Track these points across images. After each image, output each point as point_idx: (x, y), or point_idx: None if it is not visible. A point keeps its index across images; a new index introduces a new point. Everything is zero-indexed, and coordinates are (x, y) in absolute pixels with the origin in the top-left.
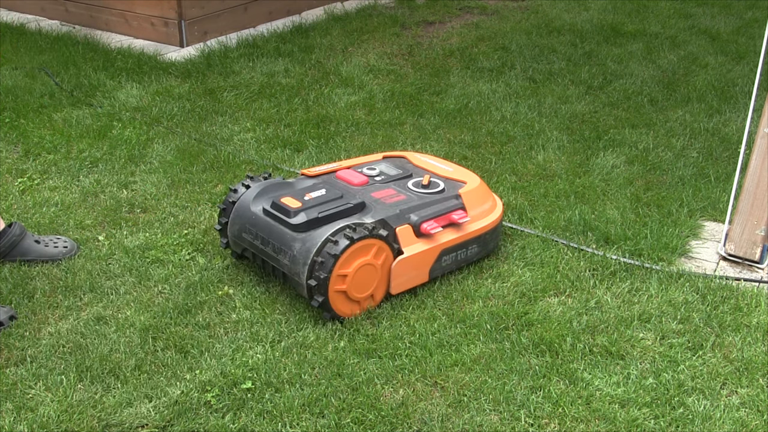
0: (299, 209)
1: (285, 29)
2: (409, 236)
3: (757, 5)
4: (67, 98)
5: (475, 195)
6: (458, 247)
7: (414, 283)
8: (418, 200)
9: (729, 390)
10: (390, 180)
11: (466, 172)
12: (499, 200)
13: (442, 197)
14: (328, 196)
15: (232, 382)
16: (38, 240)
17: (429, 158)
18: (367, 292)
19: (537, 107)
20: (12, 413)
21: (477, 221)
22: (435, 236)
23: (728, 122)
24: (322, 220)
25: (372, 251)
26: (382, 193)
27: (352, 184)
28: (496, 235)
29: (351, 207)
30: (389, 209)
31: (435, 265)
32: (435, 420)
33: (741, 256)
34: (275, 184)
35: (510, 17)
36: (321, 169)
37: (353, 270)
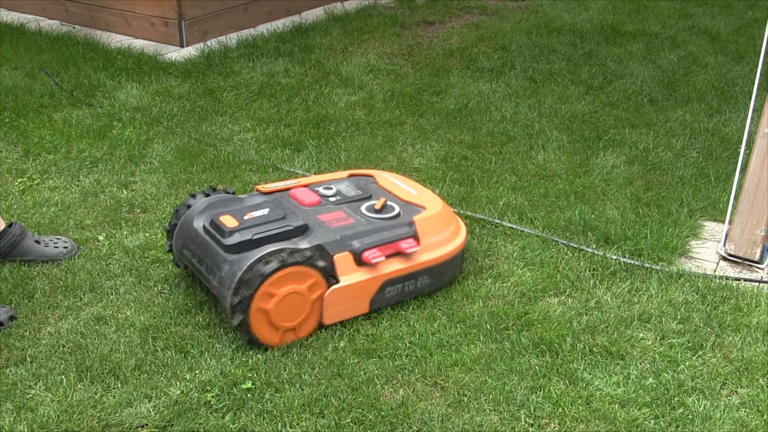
0: (235, 229)
1: (285, 29)
2: (348, 264)
3: (757, 5)
4: (67, 98)
5: (432, 222)
6: (405, 278)
7: (351, 314)
8: (366, 225)
9: (729, 390)
10: (343, 201)
11: (431, 196)
12: (464, 227)
13: (393, 223)
14: (270, 216)
15: (232, 382)
16: (38, 240)
17: (397, 179)
18: (291, 323)
19: (537, 107)
20: (12, 413)
21: (430, 251)
22: (378, 266)
23: (728, 122)
24: (256, 243)
25: (306, 282)
26: (329, 216)
27: (302, 203)
28: (455, 266)
29: (291, 230)
30: (331, 234)
31: (377, 296)
32: (435, 420)
33: (741, 256)
34: (224, 200)
35: (510, 17)
36: (277, 185)
37: (281, 295)
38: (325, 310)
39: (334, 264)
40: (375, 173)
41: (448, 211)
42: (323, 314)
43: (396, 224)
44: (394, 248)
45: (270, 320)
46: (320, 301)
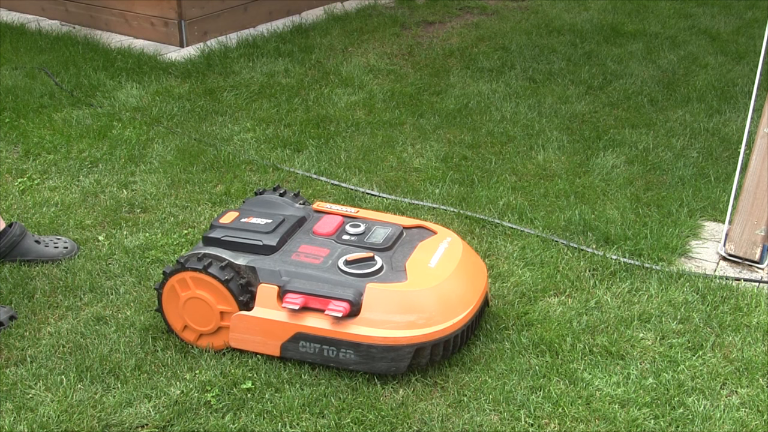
0: (221, 225)
1: (285, 29)
2: (269, 298)
3: (757, 5)
4: (67, 98)
5: (390, 297)
6: (323, 340)
7: (259, 349)
8: (322, 270)
9: (729, 390)
10: (351, 243)
11: (442, 278)
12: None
13: (346, 280)
14: (260, 227)
15: (232, 382)
16: (38, 240)
17: (445, 246)
18: (204, 327)
19: (537, 107)
20: (12, 413)
21: (367, 326)
22: (295, 313)
23: (728, 122)
24: (222, 243)
25: (215, 295)
26: (309, 249)
27: (315, 230)
28: (399, 358)
29: (258, 246)
30: (279, 263)
31: (289, 344)
32: (435, 420)
33: (741, 256)
34: (264, 201)
35: (510, 17)
36: (330, 207)
37: (188, 295)
38: (230, 331)
39: (256, 291)
40: (440, 232)
41: (433, 299)
42: (229, 335)
43: (348, 282)
44: (318, 303)
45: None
46: (228, 321)
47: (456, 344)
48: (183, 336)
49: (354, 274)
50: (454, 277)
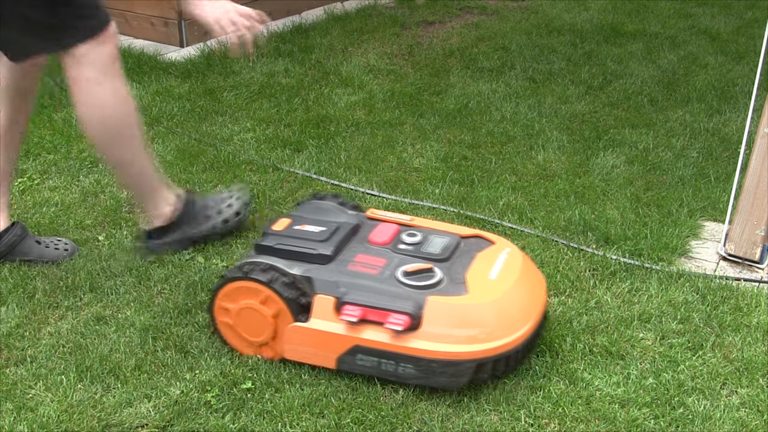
0: (273, 233)
1: (285, 29)
2: (326, 309)
3: (757, 5)
4: (67, 98)
5: (452, 311)
6: (382, 354)
7: (313, 361)
8: (380, 282)
9: (729, 390)
10: (407, 253)
11: (502, 292)
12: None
13: (406, 292)
14: (315, 236)
15: (232, 382)
16: (39, 241)
17: (506, 257)
18: (257, 338)
19: (537, 107)
20: (12, 413)
21: (428, 340)
22: (353, 325)
23: (728, 122)
24: (275, 251)
25: (267, 305)
26: (365, 258)
27: (371, 238)
28: (459, 373)
29: (313, 254)
30: (336, 274)
31: (346, 357)
32: (435, 420)
33: (741, 256)
34: (316, 208)
35: (510, 17)
36: (384, 215)
37: (239, 305)
38: (284, 342)
39: (312, 302)
40: (499, 242)
41: (495, 313)
42: (283, 346)
43: (407, 294)
44: (377, 315)
45: (231, 324)
46: (283, 332)
47: (517, 360)
48: (235, 345)
49: (413, 286)
50: (515, 290)
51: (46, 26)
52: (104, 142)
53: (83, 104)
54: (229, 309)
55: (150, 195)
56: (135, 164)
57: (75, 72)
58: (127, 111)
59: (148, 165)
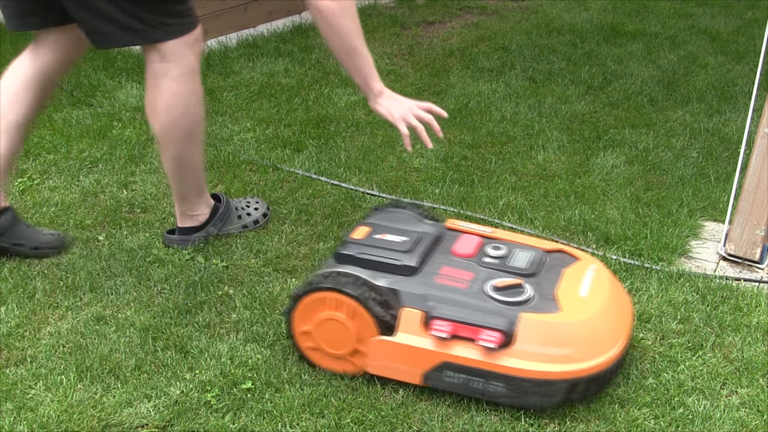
0: (354, 241)
1: (285, 29)
2: (413, 323)
3: (757, 5)
4: (67, 98)
5: (546, 329)
6: (472, 371)
7: (397, 377)
8: (470, 296)
9: (729, 390)
10: (494, 267)
11: (596, 310)
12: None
13: (498, 308)
14: (396, 246)
15: (232, 382)
16: (28, 226)
17: (594, 273)
18: (338, 351)
19: (537, 107)
20: (12, 413)
21: (521, 359)
22: (442, 341)
23: (728, 122)
24: (358, 261)
25: (352, 317)
26: (451, 271)
27: (454, 250)
28: (551, 393)
29: (397, 265)
30: (423, 287)
31: (433, 373)
32: (435, 420)
33: (741, 256)
34: (392, 217)
35: (510, 17)
36: (465, 225)
37: (321, 318)
38: (369, 356)
39: (398, 315)
40: (584, 258)
41: (589, 332)
42: (367, 360)
43: (498, 310)
44: (469, 332)
45: (311, 336)
46: (367, 345)
47: (609, 380)
48: (311, 357)
49: (504, 302)
50: (607, 308)
51: (137, 19)
52: (171, 137)
53: (161, 99)
54: (310, 320)
55: (192, 196)
56: (191, 164)
57: (159, 67)
58: (200, 112)
59: (201, 167)
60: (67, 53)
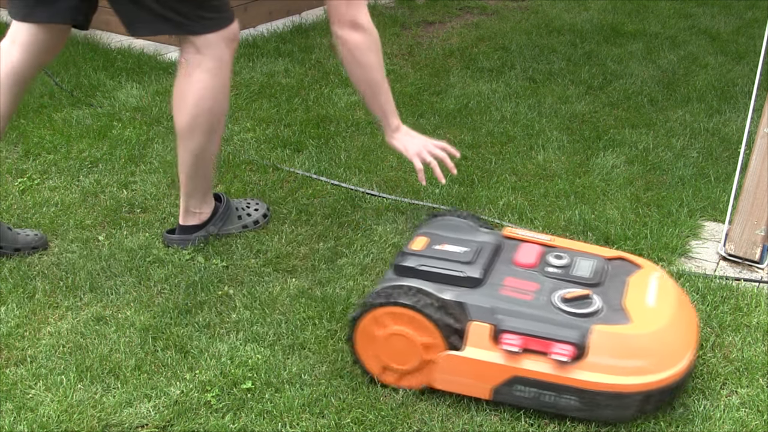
0: (413, 253)
1: (285, 29)
2: (481, 337)
3: (757, 5)
4: (67, 98)
5: (618, 341)
6: (544, 385)
7: (465, 391)
8: (538, 308)
9: (729, 390)
10: (557, 277)
11: (665, 318)
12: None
13: (568, 320)
14: (457, 256)
15: (232, 382)
16: (10, 228)
17: (658, 282)
18: (403, 366)
19: (537, 107)
20: (12, 413)
21: (593, 371)
22: (513, 355)
23: (728, 122)
24: (418, 273)
25: (420, 332)
26: (516, 282)
27: (516, 260)
28: (625, 406)
29: (461, 277)
30: (489, 299)
31: (503, 387)
32: (435, 420)
33: (741, 256)
34: (448, 225)
35: (510, 17)
36: (523, 233)
37: (388, 331)
38: (436, 372)
39: (466, 329)
40: (646, 266)
41: (661, 342)
42: (434, 375)
43: (569, 323)
44: (540, 345)
45: (375, 351)
46: (433, 360)
47: (680, 390)
48: (371, 369)
49: (574, 314)
50: (676, 317)
51: (174, 11)
52: (196, 130)
53: (192, 91)
54: (374, 336)
55: (200, 193)
56: (206, 160)
57: (193, 59)
58: (225, 108)
59: (213, 165)
60: (46, 54)
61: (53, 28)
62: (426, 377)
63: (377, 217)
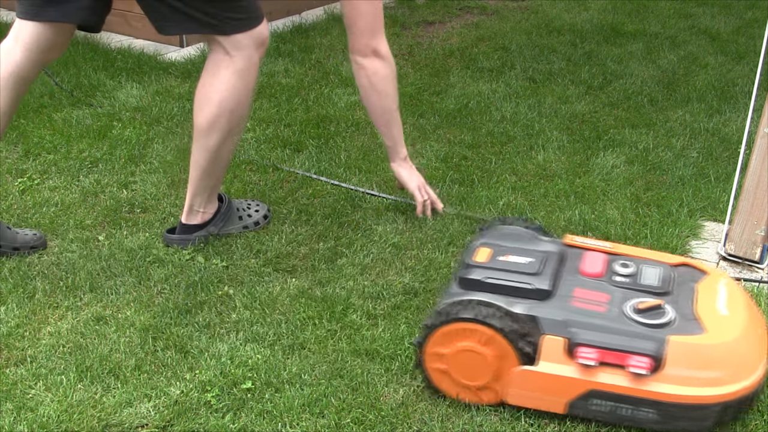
0: (477, 265)
1: (285, 29)
2: (555, 351)
3: (757, 5)
4: (67, 98)
5: (696, 352)
6: (620, 398)
7: (539, 406)
8: (611, 320)
9: None
10: (626, 286)
11: (739, 326)
12: (753, 376)
13: (643, 332)
14: (524, 267)
15: (232, 382)
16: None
17: (727, 289)
18: (474, 382)
19: (537, 107)
20: (12, 413)
21: (671, 383)
22: (589, 369)
23: (728, 122)
24: (484, 286)
25: (491, 347)
26: (586, 293)
27: (582, 270)
28: (702, 417)
29: (530, 290)
30: (560, 312)
31: (578, 402)
32: (435, 420)
33: (741, 256)
34: (509, 235)
35: (510, 17)
36: (585, 242)
37: (457, 347)
38: (509, 386)
39: (539, 343)
40: (713, 272)
41: (738, 352)
42: (507, 389)
43: (645, 334)
44: (617, 358)
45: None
46: (507, 375)
47: (757, 398)
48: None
49: (648, 325)
50: (750, 326)
51: (201, 12)
52: (213, 129)
53: (217, 90)
54: (443, 353)
55: (206, 193)
56: (219, 160)
57: (222, 59)
58: (246, 111)
59: (225, 167)
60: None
61: (60, 27)
62: (499, 393)
63: (377, 217)
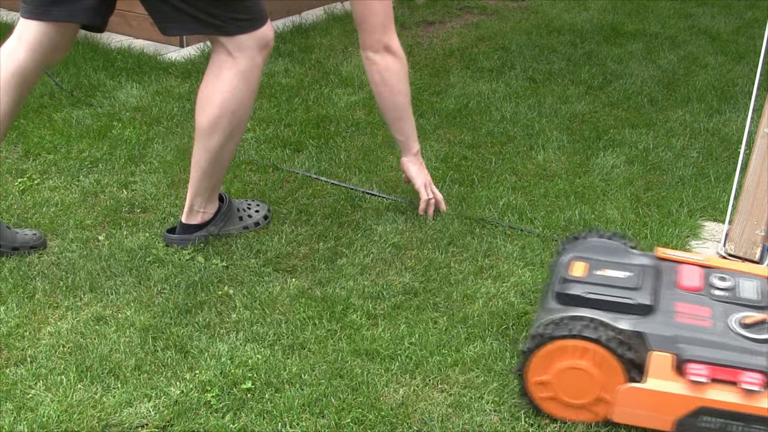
0: (575, 279)
1: (285, 29)
2: (663, 367)
3: (757, 5)
4: (67, 98)
5: None
6: (731, 416)
7: (648, 424)
8: (719, 336)
9: None
10: (727, 300)
11: None
12: None
13: (753, 347)
14: (623, 282)
15: (232, 382)
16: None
17: None
18: (578, 400)
19: (537, 107)
20: (12, 413)
21: None
22: (698, 385)
23: (728, 122)
24: (585, 301)
25: (599, 365)
26: (688, 308)
27: (680, 284)
28: None
29: (632, 305)
30: (667, 327)
31: (687, 419)
32: (435, 420)
33: (741, 256)
34: (600, 247)
35: (510, 17)
36: (676, 254)
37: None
38: (616, 405)
39: (647, 360)
40: None
41: None
42: (614, 408)
43: (756, 350)
44: (728, 375)
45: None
46: (614, 393)
47: None
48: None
49: (758, 340)
50: None
51: (206, 14)
52: (215, 130)
53: (220, 91)
54: (546, 371)
55: (207, 193)
56: (220, 161)
57: (225, 60)
58: (248, 113)
59: (225, 167)
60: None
61: (65, 27)
62: (604, 410)
63: (377, 217)
